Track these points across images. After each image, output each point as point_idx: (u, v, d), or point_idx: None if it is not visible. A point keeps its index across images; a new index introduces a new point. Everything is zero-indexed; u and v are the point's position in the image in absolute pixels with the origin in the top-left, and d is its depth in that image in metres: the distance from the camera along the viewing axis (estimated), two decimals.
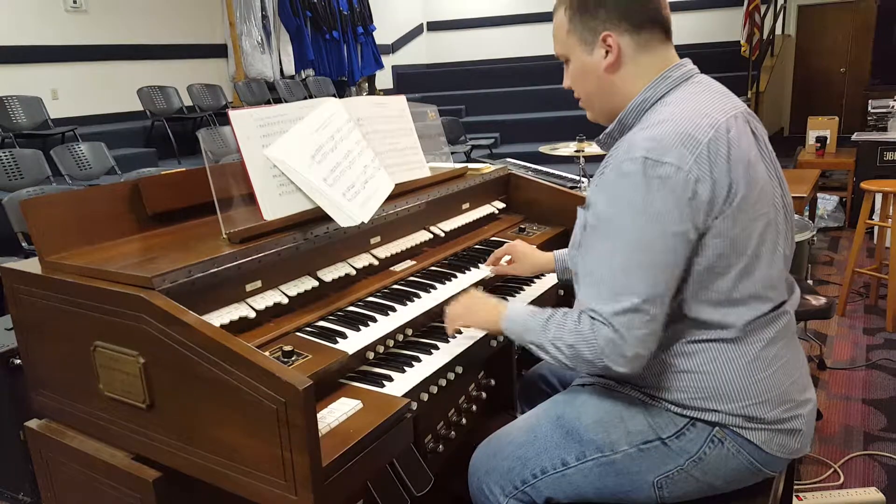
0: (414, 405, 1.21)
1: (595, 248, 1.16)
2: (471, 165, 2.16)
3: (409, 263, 1.70)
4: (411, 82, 10.09)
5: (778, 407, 1.20)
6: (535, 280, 1.79)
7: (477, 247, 1.90)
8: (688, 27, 8.62)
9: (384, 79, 10.07)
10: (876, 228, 3.81)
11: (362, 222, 1.45)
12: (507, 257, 1.71)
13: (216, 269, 1.22)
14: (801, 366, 1.28)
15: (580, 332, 1.15)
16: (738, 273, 1.15)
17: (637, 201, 1.10)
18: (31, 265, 1.28)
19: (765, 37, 7.63)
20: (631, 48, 1.22)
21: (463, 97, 8.94)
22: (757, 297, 1.18)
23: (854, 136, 5.15)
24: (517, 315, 1.30)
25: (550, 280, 1.81)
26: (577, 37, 1.25)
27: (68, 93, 6.39)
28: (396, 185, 1.66)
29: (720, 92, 1.24)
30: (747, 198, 1.13)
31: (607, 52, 1.22)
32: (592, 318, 1.14)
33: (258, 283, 1.32)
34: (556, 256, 1.67)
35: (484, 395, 1.98)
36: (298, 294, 1.37)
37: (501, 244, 1.91)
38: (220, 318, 1.21)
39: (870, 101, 6.03)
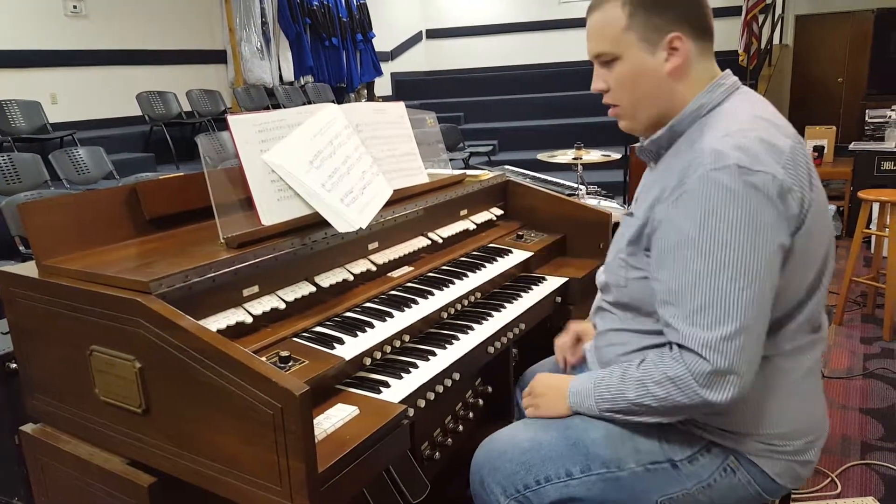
0: (411, 412, 1.21)
1: (685, 268, 1.07)
2: (469, 172, 2.16)
3: (406, 269, 1.70)
4: (410, 89, 10.11)
5: (802, 438, 1.19)
6: (533, 287, 1.79)
7: (475, 253, 1.90)
8: None
9: (383, 86, 10.10)
10: (873, 237, 3.82)
11: (360, 228, 1.45)
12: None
13: (213, 274, 1.22)
14: (822, 395, 1.26)
15: (671, 378, 1.08)
16: (806, 288, 1.13)
17: (734, 213, 1.03)
18: (28, 269, 1.28)
19: (762, 46, 7.66)
20: (695, 54, 1.17)
21: (461, 104, 8.95)
22: (810, 320, 1.15)
23: (851, 146, 5.17)
24: (582, 388, 1.23)
25: (548, 287, 1.81)
26: (639, 35, 1.15)
27: (67, 97, 6.39)
28: (395, 191, 1.67)
29: (771, 106, 1.20)
30: (818, 210, 1.11)
31: (669, 55, 1.15)
32: (688, 348, 1.06)
33: (255, 289, 1.32)
34: None
35: (481, 402, 1.97)
36: (296, 299, 1.37)
37: (499, 251, 1.92)
38: (216, 323, 1.21)
39: (867, 111, 6.05)
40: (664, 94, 1.18)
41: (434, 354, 1.39)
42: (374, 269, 1.59)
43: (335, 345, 1.31)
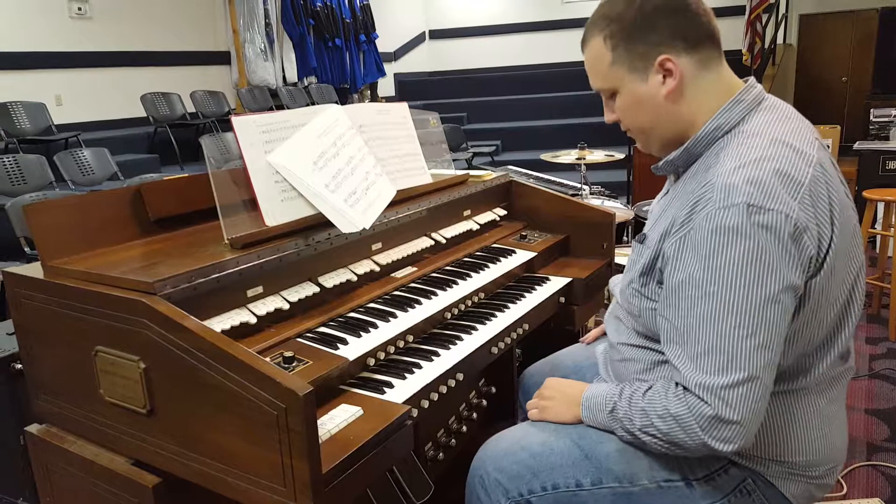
0: (414, 412, 1.21)
1: (689, 310, 1.03)
2: (472, 172, 2.16)
3: (410, 270, 1.70)
4: (413, 90, 10.12)
5: (825, 465, 1.17)
6: (536, 287, 1.79)
7: (478, 254, 1.90)
8: None
9: (386, 86, 10.11)
10: (878, 237, 3.81)
11: (364, 228, 1.45)
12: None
13: (218, 275, 1.22)
14: (846, 420, 1.24)
15: (674, 416, 1.05)
16: (830, 325, 1.09)
17: (741, 255, 0.98)
18: (34, 270, 1.28)
19: (766, 46, 7.66)
20: (691, 69, 1.10)
21: (465, 105, 8.97)
22: (838, 351, 1.12)
23: (856, 146, 5.15)
24: (595, 403, 1.21)
25: (552, 287, 1.80)
26: (626, 66, 1.12)
27: (72, 99, 6.42)
28: (398, 191, 1.67)
29: (797, 118, 1.13)
30: (843, 244, 1.05)
31: (665, 77, 1.10)
32: (690, 390, 1.04)
33: (259, 289, 1.32)
34: None
35: (484, 402, 1.97)
36: (300, 300, 1.37)
37: (502, 251, 1.92)
38: (221, 323, 1.21)
39: (871, 111, 6.04)
40: (668, 117, 1.14)
41: (438, 355, 1.39)
42: (377, 269, 1.59)
43: (339, 345, 1.31)
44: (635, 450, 1.19)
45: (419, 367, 1.34)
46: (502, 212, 2.14)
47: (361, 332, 1.36)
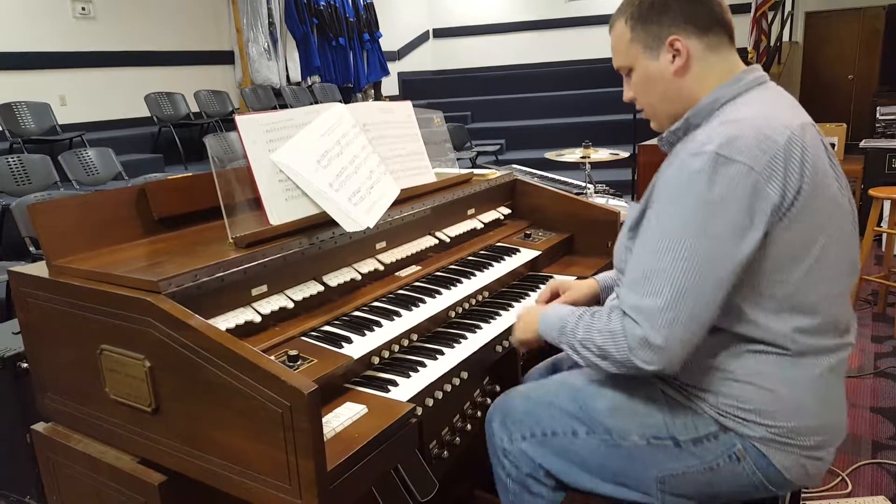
0: (419, 410, 1.21)
1: (648, 241, 1.14)
2: (476, 171, 2.16)
3: (414, 269, 1.70)
4: (417, 89, 10.11)
5: (817, 435, 1.19)
6: (541, 286, 1.79)
7: (482, 252, 1.90)
8: None
9: (390, 85, 10.11)
10: (884, 236, 3.79)
11: (368, 227, 1.45)
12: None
13: (222, 274, 1.23)
14: (843, 397, 1.26)
15: (610, 331, 1.15)
16: (797, 282, 1.13)
17: (700, 197, 1.07)
18: (39, 269, 1.29)
19: (772, 44, 7.62)
20: (699, 50, 1.21)
21: (468, 104, 8.95)
22: (823, 319, 1.15)
23: (862, 144, 5.12)
24: (552, 317, 1.31)
25: None
26: (641, 44, 1.24)
27: (76, 99, 6.43)
28: (402, 190, 1.67)
29: (793, 103, 1.23)
30: (811, 202, 1.11)
31: (674, 57, 1.21)
32: (626, 313, 1.13)
33: (264, 288, 1.32)
34: (599, 280, 1.62)
35: (489, 401, 1.97)
36: (304, 299, 1.37)
37: (507, 250, 1.92)
38: (226, 322, 1.22)
39: (878, 108, 6.01)
40: (675, 93, 1.24)
41: (442, 353, 1.39)
42: (381, 268, 1.59)
43: (343, 344, 1.31)
44: (626, 409, 1.27)
45: (423, 365, 1.34)
46: (506, 210, 2.13)
47: (366, 331, 1.36)
